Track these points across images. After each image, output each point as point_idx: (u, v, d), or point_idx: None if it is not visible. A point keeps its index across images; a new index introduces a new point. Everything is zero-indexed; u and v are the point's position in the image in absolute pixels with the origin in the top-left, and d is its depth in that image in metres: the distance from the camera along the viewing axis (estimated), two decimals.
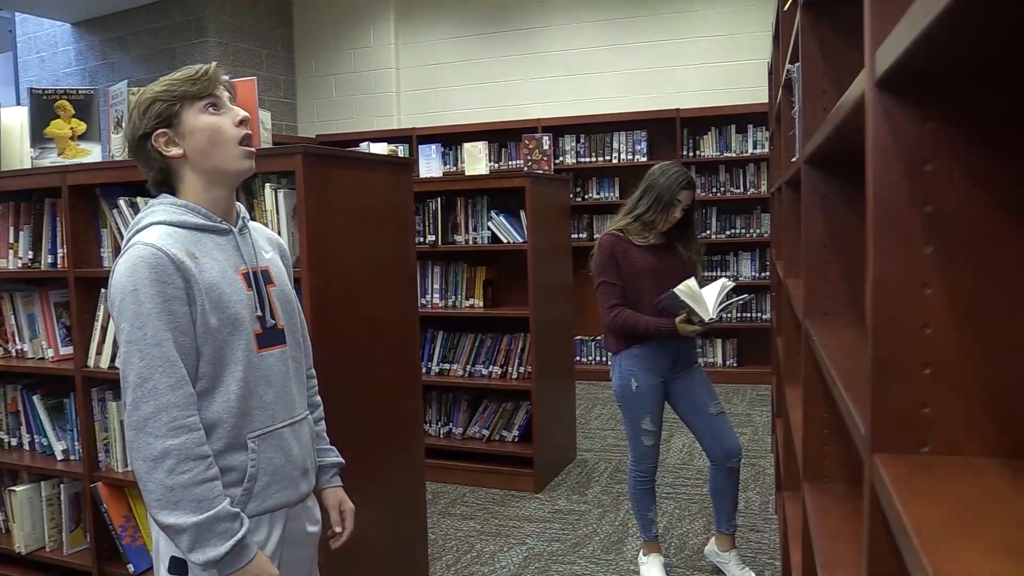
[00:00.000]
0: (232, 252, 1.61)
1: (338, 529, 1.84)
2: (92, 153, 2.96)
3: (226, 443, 1.53)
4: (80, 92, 2.96)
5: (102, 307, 2.83)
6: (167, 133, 1.55)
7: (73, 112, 2.94)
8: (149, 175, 1.62)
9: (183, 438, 1.44)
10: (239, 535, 1.48)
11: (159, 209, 1.56)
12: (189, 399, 1.47)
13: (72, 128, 2.94)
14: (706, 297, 2.89)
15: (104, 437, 2.89)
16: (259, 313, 1.60)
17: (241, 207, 1.69)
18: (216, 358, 1.52)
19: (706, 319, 2.84)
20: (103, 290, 2.82)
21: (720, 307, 2.90)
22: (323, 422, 1.89)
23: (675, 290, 2.83)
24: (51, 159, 2.91)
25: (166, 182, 1.61)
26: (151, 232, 1.51)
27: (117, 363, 2.77)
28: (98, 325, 2.83)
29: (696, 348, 3.21)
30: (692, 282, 2.87)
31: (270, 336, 1.63)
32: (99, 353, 2.82)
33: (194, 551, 1.44)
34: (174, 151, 1.56)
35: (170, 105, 1.55)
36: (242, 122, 1.60)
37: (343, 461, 1.89)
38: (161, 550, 1.57)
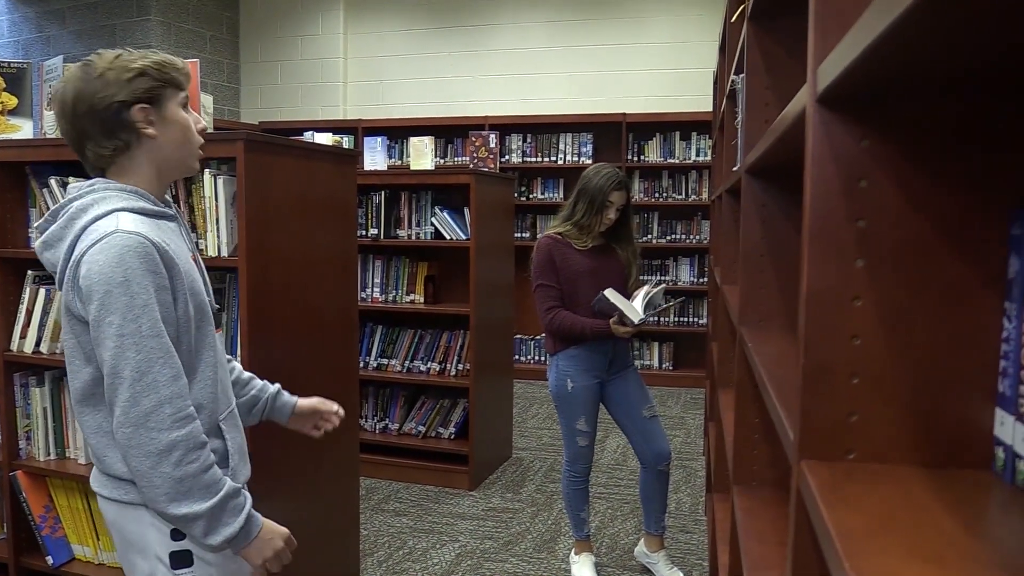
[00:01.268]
0: (183, 238, 1.61)
1: (334, 407, 1.98)
2: (23, 129, 2.85)
3: (207, 428, 1.54)
4: (12, 65, 2.85)
5: (28, 289, 2.72)
6: (147, 110, 1.50)
7: (4, 86, 2.83)
8: (104, 148, 1.50)
9: (188, 428, 1.43)
10: (247, 507, 1.52)
11: (112, 195, 1.48)
12: (185, 388, 1.46)
13: (2, 103, 2.83)
14: (635, 300, 2.95)
15: (25, 424, 2.78)
16: (209, 297, 1.63)
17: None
18: (195, 346, 1.54)
19: (635, 320, 2.88)
20: (30, 272, 2.72)
21: (650, 309, 2.95)
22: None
23: (605, 293, 2.88)
24: None
25: (112, 161, 1.52)
26: (123, 219, 1.43)
27: (45, 348, 2.67)
28: (23, 308, 2.73)
29: (632, 351, 3.25)
30: (611, 291, 2.91)
31: (215, 319, 1.65)
32: (23, 337, 2.72)
33: (210, 535, 1.45)
34: (150, 130, 1.50)
35: (159, 85, 1.51)
36: (202, 131, 1.61)
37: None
38: (153, 550, 1.52)
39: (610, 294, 2.87)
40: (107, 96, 1.47)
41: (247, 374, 1.92)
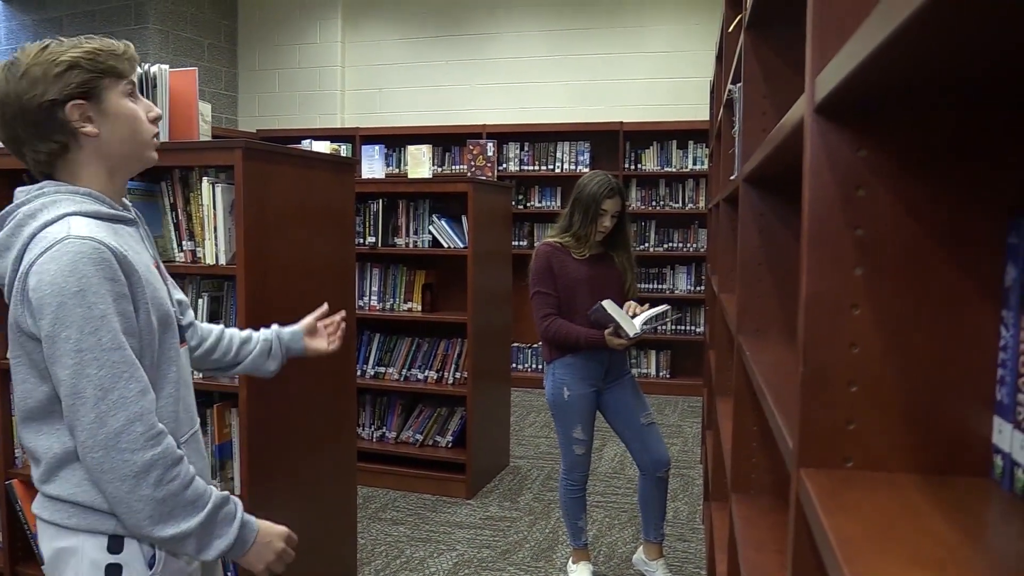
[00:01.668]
0: (144, 243, 1.49)
1: (325, 309, 1.96)
2: None
3: None
4: None
5: None
6: (83, 106, 1.36)
7: None
8: (39, 153, 1.37)
9: (163, 445, 1.32)
10: (239, 514, 1.42)
11: (62, 199, 1.36)
12: (154, 403, 1.35)
13: None
14: (637, 317, 2.95)
15: None
16: (174, 308, 1.50)
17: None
18: (157, 360, 1.42)
19: (631, 334, 2.89)
20: None
21: (648, 325, 2.95)
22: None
23: (603, 303, 2.88)
24: None
25: (53, 164, 1.39)
26: (75, 224, 1.31)
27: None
28: None
29: (629, 359, 3.25)
30: (608, 302, 2.91)
31: (180, 332, 1.53)
32: None
33: (203, 550, 1.36)
34: (89, 128, 1.37)
35: (94, 77, 1.36)
36: (155, 120, 1.48)
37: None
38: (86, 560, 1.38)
39: (608, 305, 2.87)
40: (35, 96, 1.33)
41: (244, 332, 1.84)
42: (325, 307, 1.96)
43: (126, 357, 1.30)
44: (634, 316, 2.96)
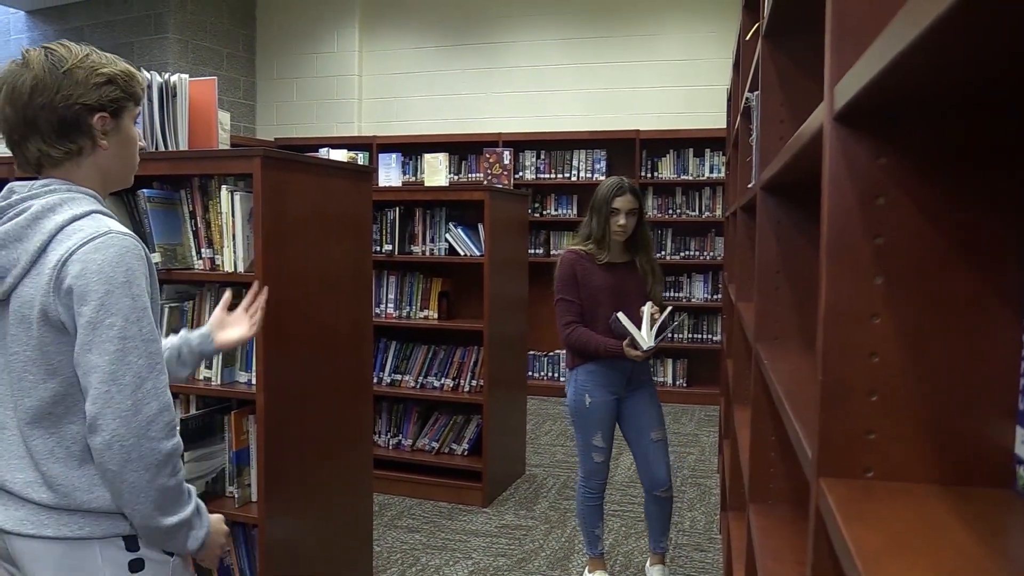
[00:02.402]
0: None
1: (260, 300, 1.88)
2: None
3: None
4: None
5: None
6: (106, 119, 1.42)
7: None
8: (51, 150, 1.40)
9: (177, 436, 1.39)
10: (203, 505, 1.49)
11: (80, 197, 1.40)
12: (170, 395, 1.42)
13: None
14: (643, 327, 2.93)
15: None
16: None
17: None
18: None
19: (644, 347, 2.88)
20: None
21: (660, 334, 2.93)
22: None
23: (618, 315, 2.87)
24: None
25: (58, 164, 1.42)
26: (108, 222, 1.37)
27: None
28: None
29: (650, 368, 3.22)
30: (622, 315, 2.90)
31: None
32: None
33: (189, 540, 1.43)
34: (104, 142, 1.43)
35: (124, 97, 1.45)
36: (141, 149, 1.57)
37: None
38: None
39: (623, 318, 2.87)
40: (71, 96, 1.37)
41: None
42: (228, 296, 1.86)
43: (159, 349, 1.38)
44: (652, 322, 2.94)
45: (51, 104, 1.36)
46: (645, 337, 2.90)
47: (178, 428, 1.41)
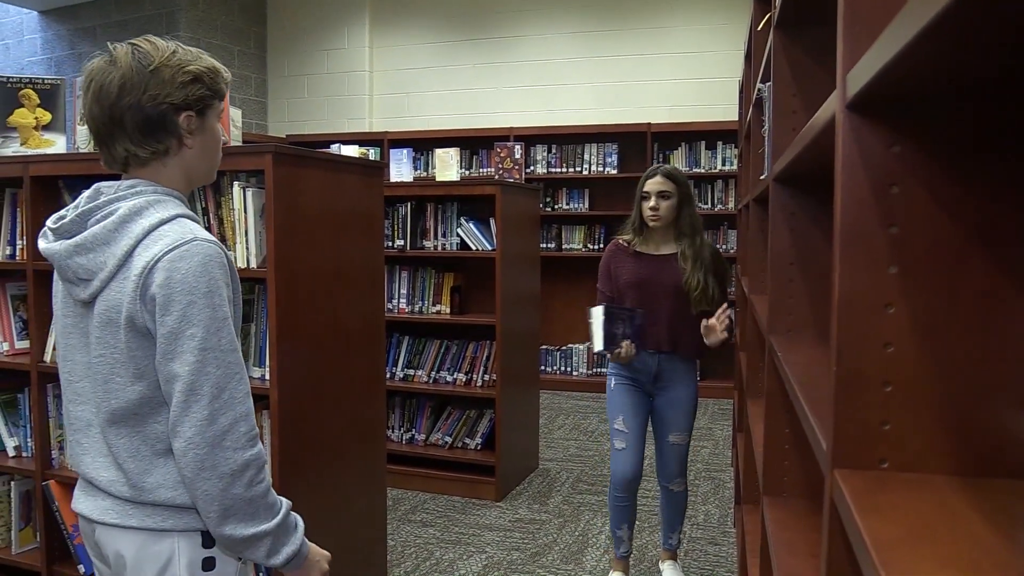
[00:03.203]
0: None
1: None
2: (56, 144, 2.91)
3: None
4: (46, 81, 2.91)
5: None
6: (192, 118, 1.41)
7: (38, 102, 2.89)
8: (138, 149, 1.38)
9: (258, 446, 1.37)
10: (301, 526, 1.48)
11: (165, 199, 1.39)
12: (253, 406, 1.39)
13: (36, 118, 2.89)
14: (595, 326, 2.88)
15: (58, 434, 2.83)
16: None
17: None
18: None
19: (594, 350, 2.89)
20: None
21: (614, 343, 2.86)
22: None
23: (591, 310, 2.88)
24: (13, 149, 2.85)
25: (146, 163, 1.41)
26: (193, 227, 1.36)
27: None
28: None
29: (688, 368, 3.08)
30: (598, 309, 2.87)
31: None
32: (56, 348, 2.76)
33: (272, 555, 1.40)
34: (189, 140, 1.42)
35: (209, 95, 1.43)
36: (225, 144, 1.55)
37: None
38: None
39: (594, 312, 2.86)
40: (159, 95, 1.36)
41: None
42: None
43: (239, 359, 1.36)
44: (722, 327, 2.85)
45: (138, 104, 1.35)
46: (595, 339, 2.87)
47: (258, 439, 1.38)
